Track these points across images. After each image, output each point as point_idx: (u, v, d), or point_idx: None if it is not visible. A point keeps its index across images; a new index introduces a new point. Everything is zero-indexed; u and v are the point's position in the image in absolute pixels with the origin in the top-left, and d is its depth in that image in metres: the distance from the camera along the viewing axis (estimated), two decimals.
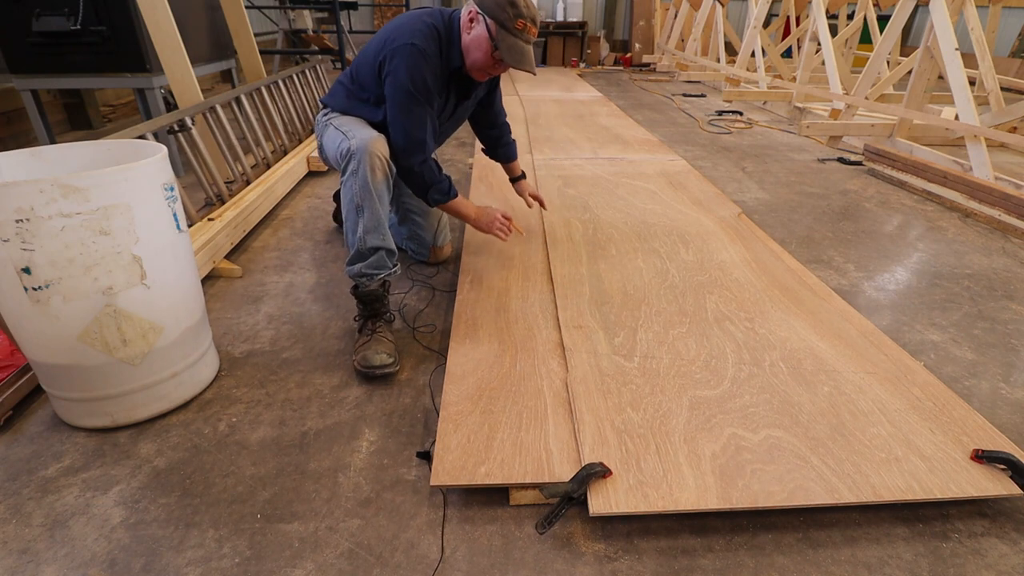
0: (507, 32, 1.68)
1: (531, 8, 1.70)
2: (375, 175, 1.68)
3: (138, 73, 3.24)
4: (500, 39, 1.68)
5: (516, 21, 1.67)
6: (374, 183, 1.68)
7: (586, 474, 1.15)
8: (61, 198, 1.17)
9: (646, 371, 1.53)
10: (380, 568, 1.09)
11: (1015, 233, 2.76)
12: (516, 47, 1.70)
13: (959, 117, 3.56)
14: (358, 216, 1.71)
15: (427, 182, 1.83)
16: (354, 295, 1.77)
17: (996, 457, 1.22)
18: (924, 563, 1.12)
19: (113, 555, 1.11)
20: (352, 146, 1.68)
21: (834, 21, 6.93)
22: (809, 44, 5.58)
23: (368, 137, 1.69)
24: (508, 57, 1.69)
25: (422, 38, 1.70)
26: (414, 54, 1.68)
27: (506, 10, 1.66)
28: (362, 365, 1.63)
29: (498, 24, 1.67)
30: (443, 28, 1.76)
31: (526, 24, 1.68)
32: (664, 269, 2.11)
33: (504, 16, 1.66)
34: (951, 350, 1.83)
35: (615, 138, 4.19)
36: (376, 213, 1.70)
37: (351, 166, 1.68)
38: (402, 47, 1.69)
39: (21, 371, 1.52)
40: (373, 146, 1.68)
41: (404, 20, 1.78)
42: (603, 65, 9.63)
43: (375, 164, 1.68)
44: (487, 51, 1.71)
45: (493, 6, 1.67)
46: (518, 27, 1.68)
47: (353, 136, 1.71)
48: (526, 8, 1.68)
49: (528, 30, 1.70)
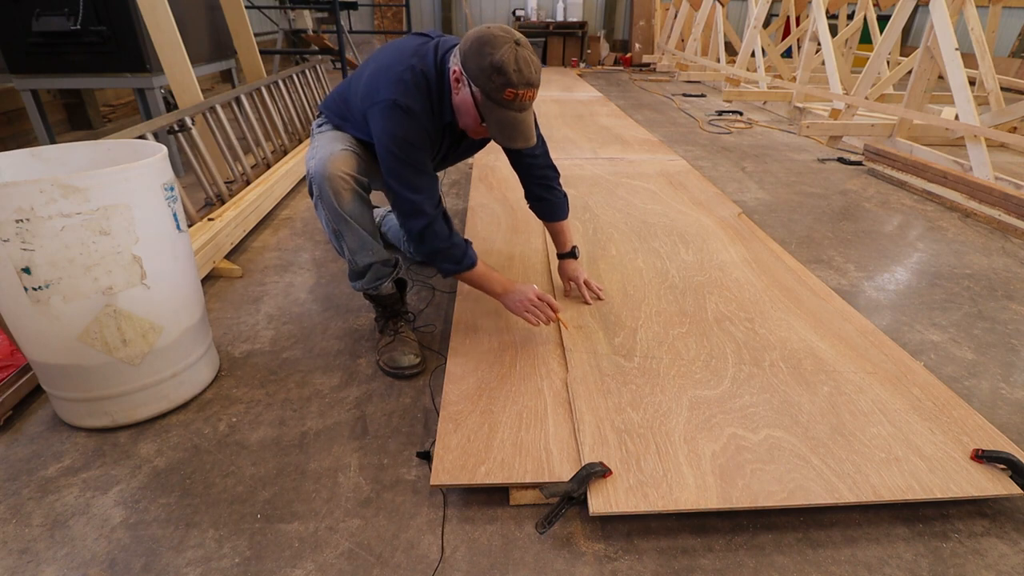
0: (494, 104, 1.36)
1: (524, 71, 1.32)
2: (341, 198, 1.50)
3: (138, 73, 3.24)
4: (486, 111, 1.38)
5: (504, 92, 1.32)
6: (343, 207, 1.51)
7: (586, 474, 1.15)
8: (61, 198, 1.17)
9: (646, 371, 1.53)
10: (380, 568, 1.09)
11: (1015, 233, 2.76)
12: (506, 121, 1.38)
13: (959, 117, 3.56)
14: (340, 241, 1.58)
15: (434, 249, 1.52)
16: (370, 299, 1.73)
17: (996, 457, 1.22)
18: (924, 563, 1.12)
19: (113, 555, 1.11)
20: (310, 171, 1.51)
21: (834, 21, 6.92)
22: (809, 44, 5.58)
23: (326, 156, 1.50)
24: (496, 134, 1.41)
25: (406, 93, 1.43)
26: (397, 115, 1.43)
27: (492, 79, 1.32)
28: (389, 366, 1.64)
29: (484, 94, 1.35)
30: (434, 78, 1.46)
31: (517, 93, 1.33)
32: (664, 269, 2.11)
33: (490, 86, 1.33)
34: (951, 350, 1.83)
35: (615, 138, 4.19)
36: (356, 233, 1.56)
37: (314, 191, 1.52)
38: (384, 105, 1.44)
39: (21, 371, 1.52)
40: (332, 167, 1.48)
41: (391, 61, 1.50)
42: (603, 65, 9.63)
43: (338, 187, 1.49)
44: (476, 118, 1.42)
45: (477, 72, 1.33)
46: (507, 98, 1.33)
47: (312, 156, 1.54)
48: (517, 73, 1.31)
49: (522, 98, 1.35)
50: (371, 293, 1.70)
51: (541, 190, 1.83)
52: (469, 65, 1.35)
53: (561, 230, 1.89)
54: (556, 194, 1.85)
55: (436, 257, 1.55)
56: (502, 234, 2.42)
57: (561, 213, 1.87)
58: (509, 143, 1.43)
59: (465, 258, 1.56)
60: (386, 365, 1.65)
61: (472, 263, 1.57)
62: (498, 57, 1.31)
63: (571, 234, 1.91)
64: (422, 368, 1.67)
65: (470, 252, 1.57)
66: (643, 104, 6.10)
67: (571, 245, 1.91)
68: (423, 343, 1.79)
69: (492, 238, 2.38)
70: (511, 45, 1.32)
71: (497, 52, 1.31)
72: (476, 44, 1.34)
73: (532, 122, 1.44)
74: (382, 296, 1.70)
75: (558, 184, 1.85)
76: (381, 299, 1.71)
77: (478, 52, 1.33)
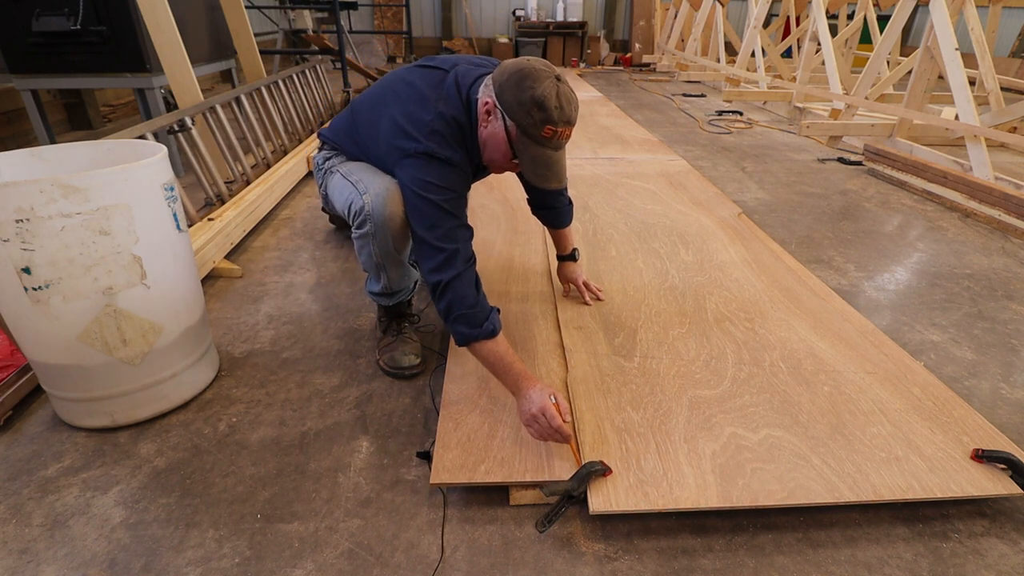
0: (531, 141, 1.28)
1: (566, 108, 1.26)
2: (399, 243, 1.45)
3: (138, 73, 3.24)
4: (521, 148, 1.30)
5: (543, 129, 1.25)
6: (397, 247, 1.46)
7: (586, 472, 1.15)
8: (61, 198, 1.17)
9: (646, 371, 1.53)
10: (380, 568, 1.09)
11: (1015, 233, 2.76)
12: (541, 160, 1.30)
13: (959, 117, 3.56)
14: (380, 273, 1.54)
15: (451, 305, 1.31)
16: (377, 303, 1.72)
17: (996, 457, 1.22)
18: (924, 563, 1.12)
19: (113, 555, 1.11)
20: (366, 206, 1.41)
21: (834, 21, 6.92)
22: (809, 44, 5.58)
23: (383, 191, 1.40)
24: (531, 173, 1.32)
25: (443, 145, 1.34)
26: (435, 166, 1.33)
27: (532, 114, 1.24)
28: (390, 365, 1.63)
29: (520, 129, 1.27)
30: (465, 121, 1.37)
31: (556, 131, 1.26)
32: (664, 269, 2.11)
33: (528, 122, 1.25)
34: (951, 350, 1.83)
35: (615, 138, 4.19)
36: (400, 267, 1.54)
37: (366, 228, 1.43)
38: (422, 158, 1.33)
39: (21, 371, 1.52)
40: (390, 206, 1.39)
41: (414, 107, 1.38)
42: (603, 65, 9.63)
43: (398, 231, 1.42)
44: (505, 154, 1.34)
45: (515, 105, 1.25)
46: (545, 135, 1.26)
47: (365, 190, 1.43)
48: (558, 110, 1.24)
49: (560, 136, 1.28)
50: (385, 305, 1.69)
51: (550, 199, 1.80)
52: (506, 98, 1.26)
53: (563, 235, 1.88)
54: (562, 202, 1.82)
55: (450, 316, 1.33)
56: (502, 234, 2.42)
57: (565, 221, 1.85)
58: (542, 183, 1.34)
59: (484, 324, 1.31)
60: (386, 365, 1.65)
61: (491, 333, 1.32)
62: (539, 92, 1.23)
63: (572, 237, 1.90)
64: (422, 369, 1.67)
65: (493, 319, 1.33)
66: (643, 104, 6.10)
67: (571, 248, 1.89)
68: (423, 343, 1.79)
69: (492, 238, 2.38)
70: (552, 80, 1.25)
71: (539, 86, 1.23)
72: (516, 77, 1.26)
73: (565, 162, 1.36)
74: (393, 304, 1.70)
75: (565, 193, 1.81)
76: (392, 305, 1.70)
77: (517, 85, 1.25)
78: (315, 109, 4.14)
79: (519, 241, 2.35)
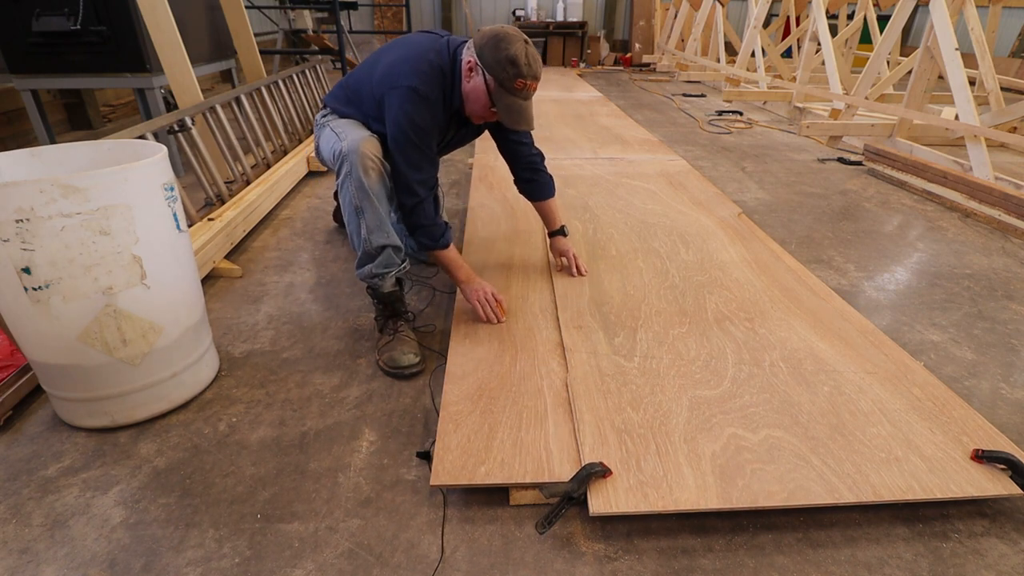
0: (505, 92, 1.60)
1: (533, 65, 1.59)
2: (369, 176, 1.64)
3: (138, 73, 3.24)
4: (498, 98, 1.61)
5: (515, 81, 1.58)
6: (369, 184, 1.64)
7: (586, 474, 1.15)
8: (61, 198, 1.17)
9: (646, 371, 1.53)
10: (380, 568, 1.09)
11: (1015, 233, 2.76)
12: (514, 107, 1.63)
13: (959, 117, 3.56)
14: (359, 218, 1.68)
15: (417, 223, 1.74)
16: (372, 296, 1.79)
17: (996, 457, 1.22)
18: (924, 563, 1.12)
19: (113, 555, 1.11)
20: (344, 148, 1.65)
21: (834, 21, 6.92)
22: (809, 44, 5.58)
23: (359, 138, 1.65)
24: (505, 118, 1.64)
25: (425, 81, 1.63)
26: (414, 100, 1.62)
27: (506, 69, 1.56)
28: (389, 365, 1.67)
29: (497, 82, 1.59)
30: (448, 68, 1.67)
31: (526, 84, 1.59)
32: (664, 269, 2.11)
33: (504, 76, 1.57)
34: (951, 350, 1.83)
35: (615, 138, 4.19)
36: (377, 212, 1.67)
37: (344, 168, 1.65)
38: (404, 90, 1.62)
39: (21, 371, 1.52)
40: (364, 147, 1.63)
41: (409, 52, 1.69)
42: (603, 65, 9.63)
43: (367, 165, 1.63)
44: (485, 104, 1.65)
45: (493, 63, 1.57)
46: (517, 87, 1.59)
47: (345, 137, 1.68)
48: (527, 67, 1.57)
49: (528, 88, 1.61)
50: (375, 286, 1.76)
51: (530, 173, 2.05)
52: (485, 56, 1.58)
53: (550, 209, 2.09)
54: (542, 175, 2.06)
55: (418, 231, 1.76)
56: (502, 234, 2.42)
57: (548, 192, 2.08)
58: (515, 126, 1.66)
59: (442, 238, 1.77)
60: (386, 365, 1.67)
61: (447, 243, 1.78)
62: (512, 52, 1.55)
63: (560, 213, 2.10)
64: (422, 368, 1.68)
65: (448, 235, 1.79)
66: (643, 104, 6.10)
67: (560, 223, 2.10)
68: (423, 343, 1.79)
69: (492, 238, 2.38)
70: (522, 43, 1.59)
71: (512, 47, 1.56)
72: (493, 40, 1.58)
73: (532, 111, 1.69)
74: (384, 293, 1.75)
75: (543, 166, 2.06)
76: (383, 296, 1.76)
77: (495, 46, 1.57)
78: (315, 109, 4.14)
79: (519, 240, 2.35)
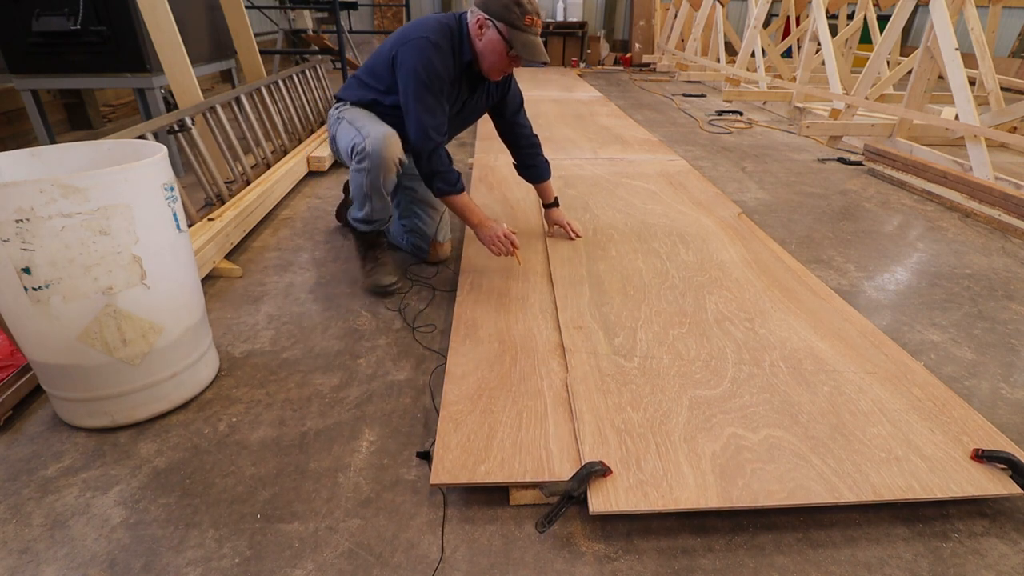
0: (519, 31, 1.79)
1: (534, 2, 1.81)
2: (388, 180, 1.86)
3: (138, 73, 3.24)
4: (514, 39, 1.80)
5: (524, 18, 1.78)
6: (385, 184, 1.87)
7: (586, 473, 1.15)
8: (61, 198, 1.17)
9: (646, 371, 1.53)
10: (380, 568, 1.09)
11: (1015, 233, 2.76)
12: (530, 43, 1.81)
13: (959, 117, 3.56)
14: (367, 201, 1.94)
15: (434, 169, 1.90)
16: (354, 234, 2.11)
17: (996, 457, 1.22)
18: (924, 563, 1.12)
19: (113, 555, 1.11)
20: (367, 147, 1.81)
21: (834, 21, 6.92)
22: (809, 44, 5.58)
23: (381, 136, 1.81)
24: (524, 53, 1.81)
25: (435, 33, 1.83)
26: (427, 46, 1.80)
27: (513, 10, 1.77)
28: (373, 286, 2.02)
29: (509, 26, 1.78)
30: (455, 26, 1.88)
31: (533, 19, 1.81)
32: (664, 269, 2.11)
33: (513, 16, 1.77)
34: (951, 350, 1.83)
35: (615, 138, 4.19)
36: (384, 202, 1.95)
37: (365, 164, 1.83)
38: (418, 40, 1.81)
39: (21, 371, 1.52)
40: (387, 149, 1.81)
41: (418, 21, 1.90)
42: (603, 65, 9.63)
43: (389, 167, 1.84)
44: (502, 52, 1.83)
45: (501, 10, 1.78)
46: (527, 23, 1.79)
47: (367, 134, 1.83)
48: (529, 3, 1.80)
49: (536, 24, 1.82)
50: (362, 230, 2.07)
51: (529, 159, 2.30)
52: (492, 8, 1.79)
53: (546, 187, 2.35)
54: (540, 161, 2.31)
55: (435, 177, 1.91)
56: None
57: (547, 174, 2.33)
58: (535, 58, 1.83)
59: (457, 183, 1.94)
60: (371, 286, 2.02)
61: (462, 188, 1.96)
62: None
63: (553, 190, 2.37)
64: (400, 285, 2.06)
65: (460, 181, 1.96)
66: (643, 104, 6.10)
67: (554, 197, 2.37)
68: (423, 344, 1.79)
69: None
70: None
71: None
72: None
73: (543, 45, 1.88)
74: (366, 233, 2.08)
75: (540, 151, 2.32)
76: (364, 235, 2.09)
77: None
78: (315, 109, 4.14)
79: (520, 240, 2.34)
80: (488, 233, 1.97)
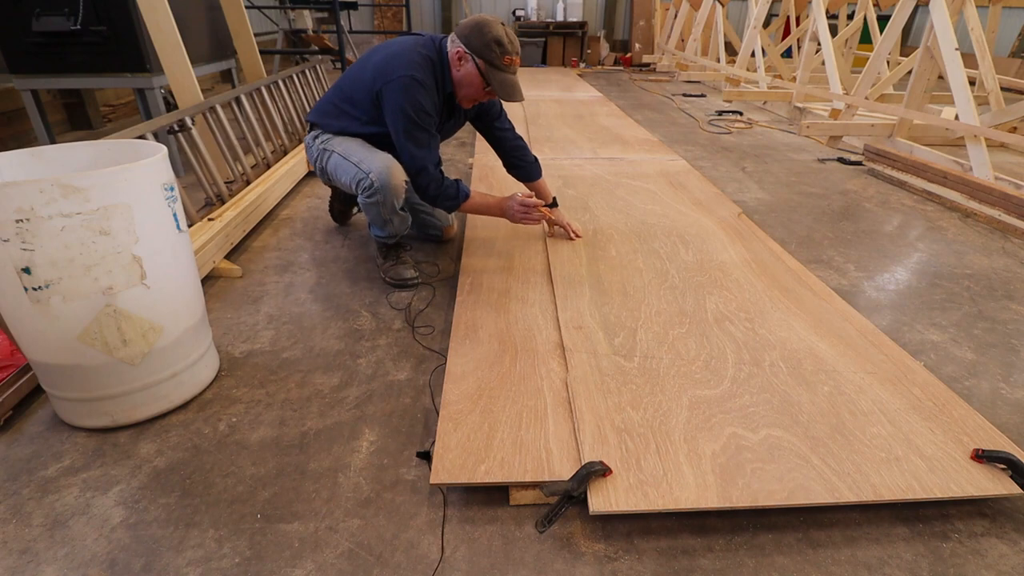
0: (497, 70, 1.82)
1: (514, 43, 1.83)
2: (399, 198, 1.94)
3: (138, 73, 3.24)
4: (492, 77, 1.82)
5: (503, 58, 1.80)
6: (398, 203, 1.96)
7: (586, 472, 1.15)
8: (61, 198, 1.17)
9: (646, 371, 1.53)
10: (380, 568, 1.09)
11: (1015, 233, 2.76)
12: (507, 82, 1.84)
13: (959, 117, 3.56)
14: (387, 224, 2.02)
15: (435, 194, 1.98)
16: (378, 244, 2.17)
17: (996, 457, 1.22)
18: (924, 563, 1.12)
19: (113, 555, 1.11)
20: (375, 183, 1.88)
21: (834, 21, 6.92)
22: (809, 44, 5.58)
23: (384, 169, 1.87)
24: (501, 92, 1.85)
25: (420, 70, 1.84)
26: (413, 85, 1.82)
27: (494, 50, 1.79)
28: (395, 279, 2.11)
29: (488, 64, 1.81)
30: (436, 58, 1.89)
31: (512, 59, 1.82)
32: (664, 270, 2.11)
33: (493, 56, 1.79)
34: (951, 350, 1.83)
35: (615, 138, 4.19)
36: (401, 216, 2.03)
37: (376, 198, 1.91)
38: (404, 79, 1.82)
39: (21, 371, 1.52)
40: (394, 179, 1.88)
41: (399, 50, 1.88)
42: (603, 65, 9.63)
43: (399, 192, 1.92)
44: (479, 87, 1.87)
45: (481, 47, 1.79)
46: (506, 63, 1.81)
47: (370, 169, 1.89)
48: (510, 44, 1.81)
49: (515, 63, 1.84)
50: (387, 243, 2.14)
51: (517, 160, 2.30)
52: (473, 43, 1.80)
53: (541, 186, 2.33)
54: (529, 161, 2.31)
55: (439, 199, 2.00)
56: (502, 234, 2.42)
57: (536, 174, 2.32)
58: (511, 99, 1.86)
59: (459, 193, 2.00)
60: (391, 279, 2.10)
61: (467, 195, 2.02)
62: (495, 34, 1.79)
63: (548, 188, 2.35)
64: (420, 280, 2.12)
65: (462, 187, 2.01)
66: (643, 104, 6.10)
67: (552, 197, 2.35)
68: (423, 344, 1.79)
69: (492, 238, 2.38)
70: (500, 25, 1.82)
71: (494, 31, 1.80)
72: (475, 27, 1.81)
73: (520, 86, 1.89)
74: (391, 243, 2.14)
75: (528, 151, 2.31)
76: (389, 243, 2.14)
77: (479, 33, 1.79)
78: None
79: (519, 240, 2.35)
80: (512, 215, 2.10)
